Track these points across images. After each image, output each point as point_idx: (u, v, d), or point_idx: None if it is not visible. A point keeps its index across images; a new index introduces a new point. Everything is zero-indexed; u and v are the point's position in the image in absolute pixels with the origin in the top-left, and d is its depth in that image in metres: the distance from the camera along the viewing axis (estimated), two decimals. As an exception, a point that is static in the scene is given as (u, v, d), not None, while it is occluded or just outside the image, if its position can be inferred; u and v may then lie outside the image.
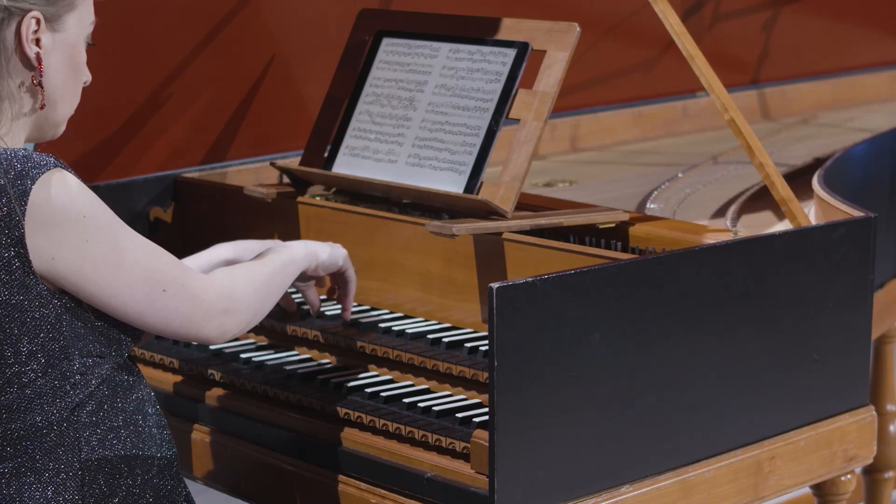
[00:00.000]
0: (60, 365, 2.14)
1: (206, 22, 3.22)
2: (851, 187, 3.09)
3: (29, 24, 2.18)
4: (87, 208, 2.12)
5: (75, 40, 2.24)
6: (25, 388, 2.14)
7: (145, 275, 2.16)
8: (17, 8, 2.17)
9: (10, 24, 2.18)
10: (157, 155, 3.24)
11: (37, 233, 2.09)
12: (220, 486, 2.73)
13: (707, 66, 2.70)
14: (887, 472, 4.08)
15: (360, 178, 2.86)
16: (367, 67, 2.97)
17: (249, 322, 2.30)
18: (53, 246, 2.10)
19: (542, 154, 3.67)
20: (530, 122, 2.70)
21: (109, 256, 2.13)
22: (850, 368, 2.68)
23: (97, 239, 2.12)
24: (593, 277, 2.27)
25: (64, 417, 2.15)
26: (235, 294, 2.27)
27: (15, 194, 2.08)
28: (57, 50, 2.22)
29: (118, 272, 2.14)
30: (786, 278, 2.53)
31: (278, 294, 2.39)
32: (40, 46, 2.20)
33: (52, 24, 2.20)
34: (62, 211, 2.09)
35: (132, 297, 2.15)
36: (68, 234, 2.10)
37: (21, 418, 2.14)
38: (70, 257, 2.11)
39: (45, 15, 2.19)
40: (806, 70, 4.46)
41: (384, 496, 2.40)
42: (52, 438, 2.15)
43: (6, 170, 2.09)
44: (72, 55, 2.25)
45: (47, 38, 2.20)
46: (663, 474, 2.40)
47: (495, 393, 2.17)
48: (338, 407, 2.53)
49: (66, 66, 2.24)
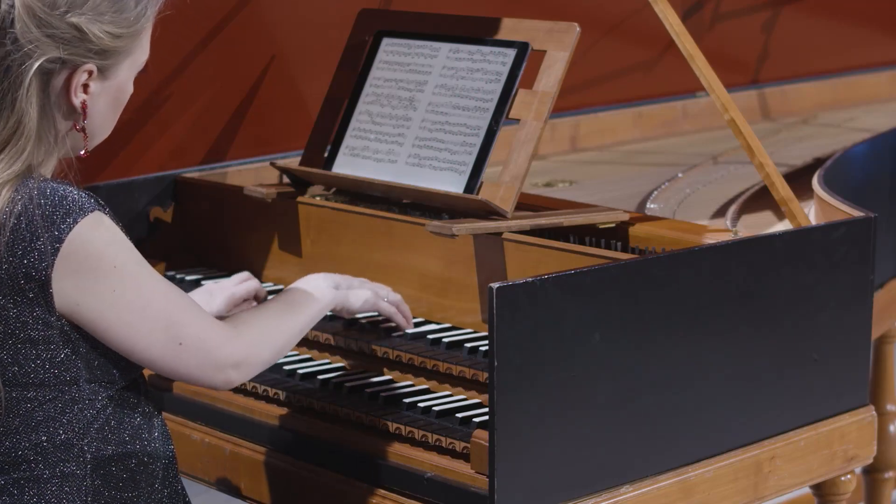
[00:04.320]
0: (70, 391, 2.14)
1: (206, 22, 3.22)
2: (851, 187, 3.09)
3: (81, 76, 2.13)
4: (119, 258, 2.10)
5: (125, 82, 2.20)
6: (34, 412, 2.13)
7: (166, 326, 2.14)
8: (71, 61, 2.11)
9: (61, 73, 2.12)
10: (157, 155, 3.24)
11: (65, 278, 2.07)
12: (219, 485, 2.73)
13: (707, 66, 2.70)
14: (887, 472, 4.08)
15: (360, 178, 2.86)
16: (367, 67, 2.97)
17: (259, 371, 2.28)
18: (80, 293, 2.08)
19: (542, 154, 3.67)
20: (530, 122, 2.70)
21: (133, 304, 2.11)
22: (850, 368, 2.68)
23: (124, 288, 2.10)
24: (593, 277, 2.27)
25: (70, 437, 2.14)
26: (251, 350, 2.25)
27: (49, 238, 2.05)
28: (104, 94, 2.17)
29: (140, 322, 2.12)
30: (786, 278, 2.53)
31: (291, 346, 2.37)
32: (87, 94, 2.15)
33: (104, 73, 2.15)
34: (94, 261, 2.07)
35: (149, 345, 2.14)
36: (98, 284, 2.08)
37: (27, 438, 2.13)
38: (95, 304, 2.09)
39: (100, 67, 2.14)
40: (806, 70, 4.46)
41: (384, 496, 2.40)
42: (58, 455, 2.14)
43: (44, 213, 2.06)
44: (118, 96, 2.20)
45: (96, 86, 2.15)
46: (663, 474, 2.40)
47: (495, 393, 2.17)
48: (338, 407, 2.53)
49: (110, 108, 2.20)
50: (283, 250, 3.01)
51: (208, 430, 2.72)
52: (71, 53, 2.10)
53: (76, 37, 2.10)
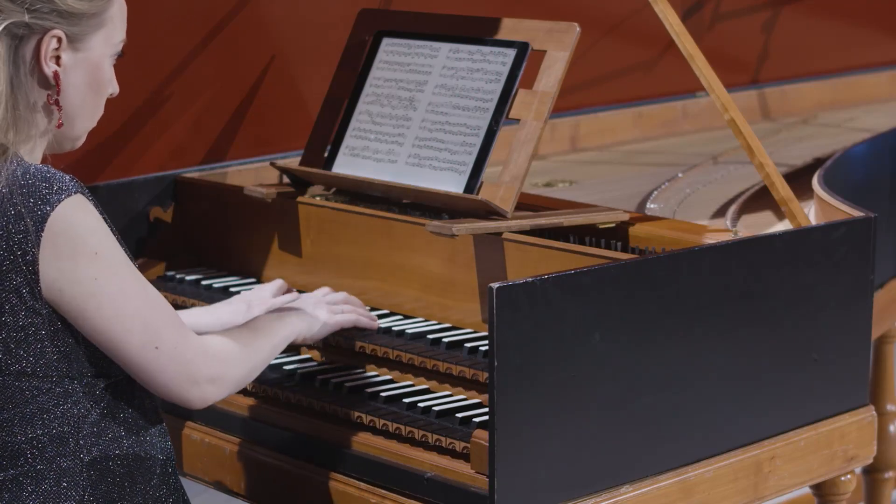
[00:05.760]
0: (63, 383, 2.13)
1: (206, 22, 3.22)
2: (851, 187, 3.09)
3: (49, 42, 2.12)
4: (101, 245, 2.09)
5: (99, 59, 2.18)
6: (28, 405, 2.13)
7: (143, 327, 2.12)
8: (38, 25, 2.10)
9: (29, 41, 2.12)
10: (157, 155, 3.24)
11: (49, 262, 2.06)
12: (219, 486, 2.73)
13: (707, 66, 2.70)
14: (887, 472, 4.08)
15: (360, 178, 2.86)
16: (367, 67, 2.97)
17: (233, 391, 2.27)
18: (63, 278, 2.07)
19: (542, 154, 3.67)
20: (530, 122, 2.70)
21: (114, 299, 2.10)
22: (850, 368, 2.68)
23: (106, 279, 2.09)
24: (593, 277, 2.27)
25: (66, 431, 2.14)
26: (227, 367, 2.24)
27: (32, 218, 2.05)
28: (78, 68, 2.16)
29: (119, 318, 2.11)
30: (786, 278, 2.53)
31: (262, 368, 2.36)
32: (60, 65, 2.14)
33: (74, 43, 2.14)
34: (77, 244, 2.07)
35: (125, 344, 2.12)
36: (79, 270, 2.07)
37: (22, 432, 2.13)
38: (76, 292, 2.08)
39: (68, 34, 2.13)
40: (806, 70, 4.46)
41: (384, 496, 2.40)
42: (54, 449, 2.14)
43: (26, 193, 2.06)
44: (93, 73, 2.18)
45: (68, 57, 2.14)
46: (663, 474, 2.40)
47: (495, 393, 2.17)
48: (338, 407, 2.53)
49: (86, 85, 2.18)
50: (283, 250, 3.01)
51: (208, 429, 2.72)
52: (35, 17, 2.09)
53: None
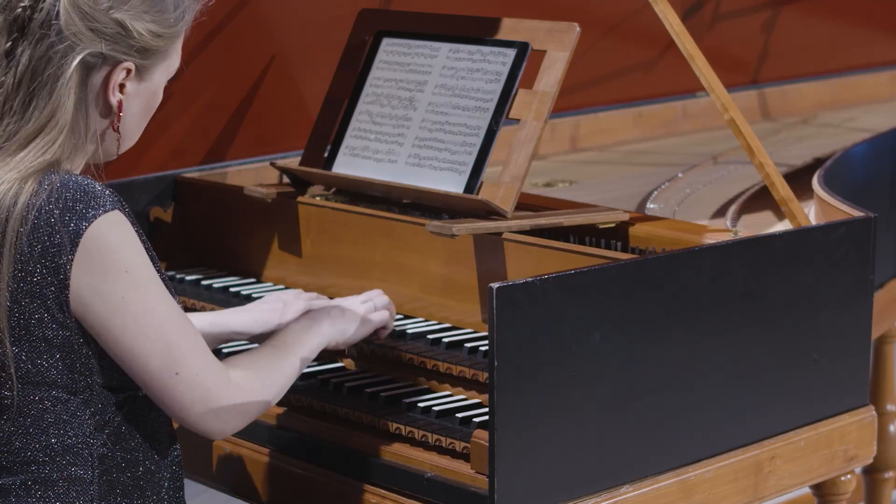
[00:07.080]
0: (83, 394, 2.13)
1: (206, 22, 3.22)
2: (851, 187, 3.09)
3: (119, 73, 2.15)
4: (132, 263, 2.09)
5: (157, 87, 2.23)
6: (46, 414, 2.12)
7: (165, 351, 2.11)
8: (112, 57, 2.14)
9: (100, 71, 2.15)
10: (157, 155, 3.23)
11: (80, 277, 2.06)
12: (220, 486, 2.73)
13: (707, 66, 2.70)
14: (887, 472, 4.08)
15: (360, 178, 2.86)
16: (367, 67, 2.97)
17: (255, 417, 2.24)
18: (91, 293, 2.07)
19: (542, 154, 3.67)
20: (530, 122, 2.70)
21: (139, 319, 2.10)
22: (850, 368, 2.68)
23: (133, 298, 2.09)
24: (593, 277, 2.27)
25: (80, 441, 2.14)
26: (249, 397, 2.21)
27: (68, 233, 2.06)
28: (139, 97, 2.20)
29: (142, 338, 2.10)
30: (786, 278, 2.53)
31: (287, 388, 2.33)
32: (123, 94, 2.17)
33: (141, 73, 2.18)
34: (108, 260, 2.07)
35: (146, 366, 2.12)
36: (106, 285, 2.08)
37: (37, 440, 2.13)
38: (102, 309, 2.08)
39: (138, 66, 2.17)
40: (806, 70, 4.46)
41: (384, 496, 2.40)
42: (67, 458, 2.13)
43: (63, 207, 2.07)
44: (151, 100, 2.23)
45: (132, 86, 2.18)
46: (663, 474, 2.40)
47: (495, 393, 2.17)
48: (338, 407, 2.53)
49: (142, 111, 2.22)
50: (283, 250, 3.01)
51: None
52: (112, 49, 2.13)
53: (119, 33, 2.13)
